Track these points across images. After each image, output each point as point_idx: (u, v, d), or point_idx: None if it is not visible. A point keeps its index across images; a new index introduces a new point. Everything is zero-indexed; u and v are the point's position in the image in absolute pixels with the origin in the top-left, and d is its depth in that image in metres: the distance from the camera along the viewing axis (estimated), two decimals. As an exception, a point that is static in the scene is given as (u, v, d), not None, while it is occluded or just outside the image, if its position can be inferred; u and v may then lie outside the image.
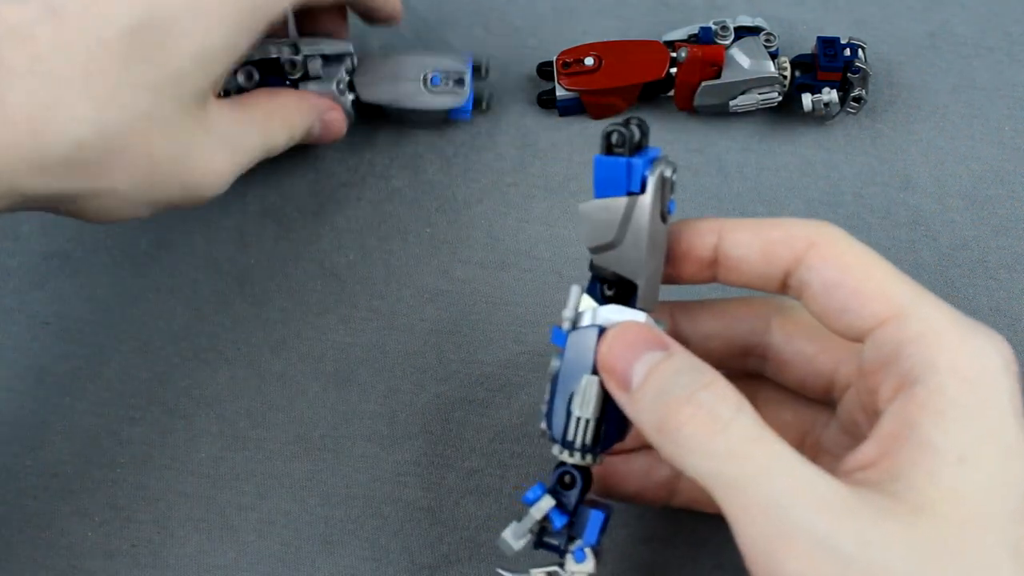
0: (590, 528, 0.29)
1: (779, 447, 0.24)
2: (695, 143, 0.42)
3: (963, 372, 0.24)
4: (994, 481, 0.24)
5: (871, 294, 0.26)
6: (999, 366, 0.25)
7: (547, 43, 0.44)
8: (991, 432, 0.24)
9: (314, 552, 0.36)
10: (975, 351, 0.25)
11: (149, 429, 0.38)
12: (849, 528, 0.23)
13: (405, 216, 0.41)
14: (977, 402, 0.24)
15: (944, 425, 0.24)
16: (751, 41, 0.41)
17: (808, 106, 0.41)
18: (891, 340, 0.26)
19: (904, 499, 0.24)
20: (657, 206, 0.27)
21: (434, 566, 0.35)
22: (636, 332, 0.27)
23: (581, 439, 0.28)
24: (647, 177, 0.27)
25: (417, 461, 0.37)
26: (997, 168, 0.42)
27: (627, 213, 0.27)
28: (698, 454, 0.25)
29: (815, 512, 0.23)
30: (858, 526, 0.23)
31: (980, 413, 0.24)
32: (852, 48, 0.41)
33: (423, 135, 0.43)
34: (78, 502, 0.36)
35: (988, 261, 0.40)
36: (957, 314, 0.26)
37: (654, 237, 0.28)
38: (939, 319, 0.25)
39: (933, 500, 0.23)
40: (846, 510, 0.23)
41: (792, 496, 0.23)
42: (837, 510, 0.23)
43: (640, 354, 0.26)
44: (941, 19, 0.45)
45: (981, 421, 0.24)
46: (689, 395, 0.25)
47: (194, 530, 0.36)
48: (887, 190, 0.41)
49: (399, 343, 0.39)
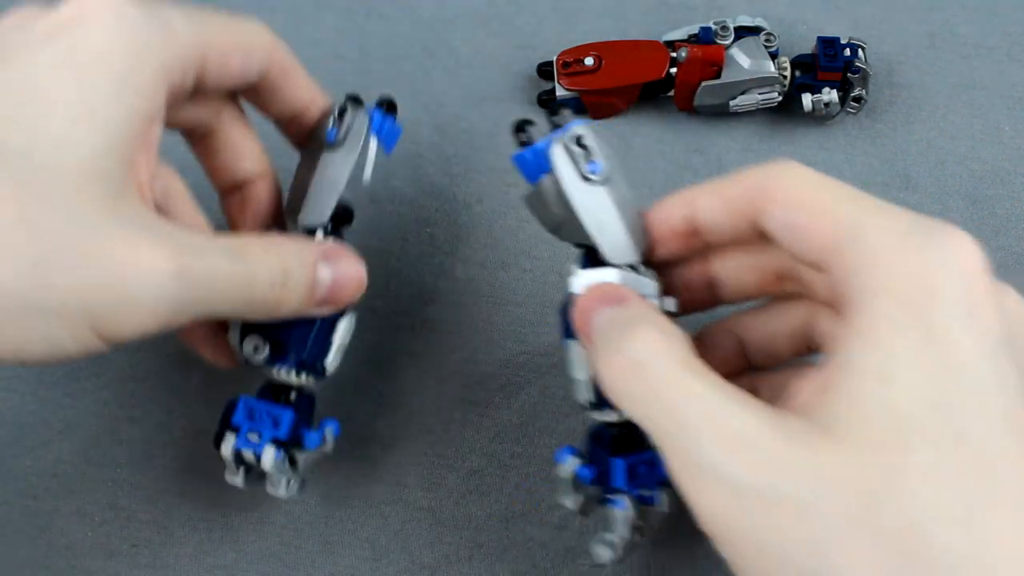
0: (614, 475, 0.30)
1: (697, 386, 0.24)
2: (695, 143, 0.42)
3: (896, 289, 0.23)
4: (922, 400, 0.22)
5: (819, 228, 0.26)
6: (943, 277, 0.23)
7: (547, 43, 0.44)
8: (923, 348, 0.23)
9: (314, 552, 0.36)
10: (915, 266, 0.24)
11: (149, 429, 0.38)
12: (747, 458, 0.23)
13: (405, 216, 0.41)
14: (908, 318, 0.23)
15: (867, 345, 0.23)
16: (751, 41, 0.41)
17: (808, 106, 0.41)
18: (839, 269, 0.25)
19: (821, 424, 0.23)
20: (572, 171, 0.30)
21: (434, 566, 0.35)
22: (595, 291, 0.29)
23: (585, 398, 0.30)
24: (549, 154, 0.30)
25: (417, 461, 0.37)
26: (997, 168, 0.42)
27: (552, 191, 0.30)
28: (626, 400, 0.26)
29: (716, 446, 0.23)
30: (758, 456, 0.23)
31: (911, 329, 0.23)
32: (852, 48, 0.41)
33: (423, 135, 0.43)
34: (78, 502, 0.36)
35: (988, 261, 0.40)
36: (910, 225, 0.24)
37: (584, 200, 0.30)
38: (881, 239, 0.24)
39: (848, 423, 0.23)
40: (749, 441, 0.23)
41: (699, 432, 0.24)
42: (740, 442, 0.23)
43: (596, 311, 0.28)
44: (941, 19, 0.45)
45: (911, 337, 0.23)
46: (618, 345, 0.26)
47: (194, 530, 0.36)
48: (887, 190, 0.41)
49: (399, 343, 0.39)
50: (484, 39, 0.45)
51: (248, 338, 0.32)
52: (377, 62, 0.45)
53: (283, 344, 0.32)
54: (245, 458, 0.32)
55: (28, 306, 0.25)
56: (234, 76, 0.31)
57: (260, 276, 0.28)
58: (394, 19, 0.46)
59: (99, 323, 0.26)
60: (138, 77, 0.27)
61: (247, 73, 0.31)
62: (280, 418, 0.31)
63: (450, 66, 0.45)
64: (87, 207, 0.25)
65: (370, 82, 0.44)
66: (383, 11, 0.47)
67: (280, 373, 0.32)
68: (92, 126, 0.26)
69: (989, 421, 0.22)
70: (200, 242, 0.27)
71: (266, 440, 0.31)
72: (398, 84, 0.44)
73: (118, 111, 0.26)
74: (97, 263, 0.25)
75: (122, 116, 0.26)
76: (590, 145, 0.30)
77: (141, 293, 0.26)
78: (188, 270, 0.26)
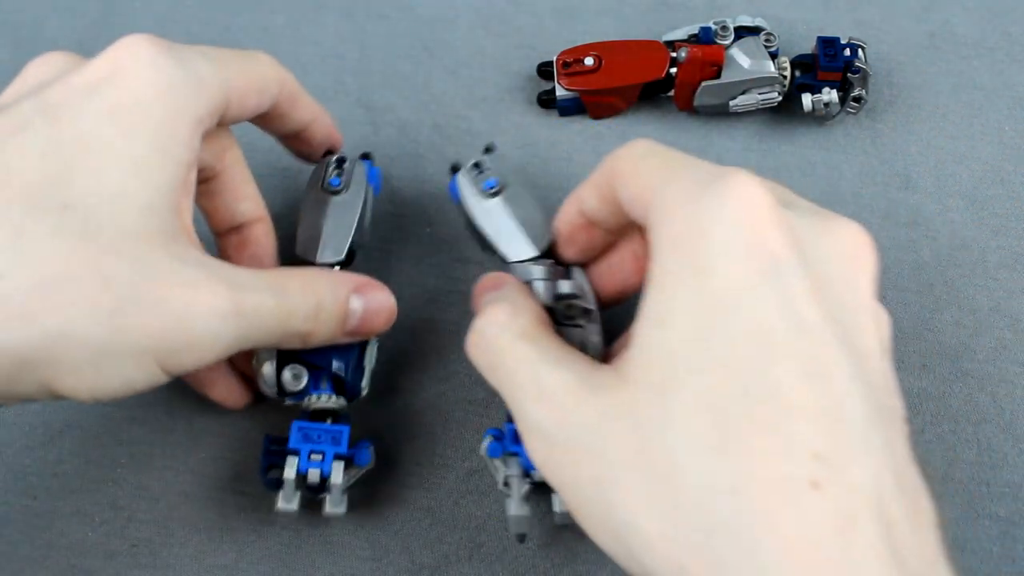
0: (507, 438, 0.33)
1: (525, 352, 0.27)
2: (695, 143, 0.42)
3: (675, 237, 0.25)
4: (691, 338, 0.23)
5: (639, 194, 0.27)
6: (715, 219, 0.24)
7: (547, 43, 0.44)
8: (694, 288, 0.24)
9: (314, 552, 0.36)
10: (691, 213, 0.25)
11: (149, 429, 0.38)
12: (554, 412, 0.26)
13: (405, 216, 0.41)
14: (683, 262, 0.24)
15: (653, 293, 0.25)
16: (751, 41, 0.41)
17: (808, 106, 0.41)
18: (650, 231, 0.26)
19: (617, 371, 0.25)
20: (470, 190, 0.35)
21: (434, 566, 0.35)
22: (484, 280, 0.32)
23: None
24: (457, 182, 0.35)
25: (417, 461, 0.37)
26: (997, 168, 0.42)
27: (468, 215, 0.35)
28: (480, 369, 0.29)
29: (534, 404, 0.26)
30: (562, 409, 0.25)
31: (685, 272, 0.24)
32: (852, 48, 0.41)
33: (423, 135, 0.43)
34: (78, 502, 0.36)
35: (988, 261, 0.40)
36: (699, 177, 0.25)
37: (480, 211, 0.35)
38: (674, 195, 0.26)
39: (634, 367, 0.24)
40: (558, 397, 0.26)
41: (524, 392, 0.27)
42: (550, 398, 0.26)
43: (480, 296, 0.31)
44: (941, 19, 0.45)
45: (685, 280, 0.24)
46: (474, 326, 0.29)
47: (194, 530, 0.36)
48: (887, 190, 0.41)
49: (399, 343, 0.39)
50: (484, 39, 0.45)
51: (288, 367, 0.33)
52: (377, 62, 0.45)
53: (323, 370, 0.33)
54: (310, 479, 0.32)
55: (106, 351, 0.26)
56: (249, 112, 0.32)
57: (299, 310, 0.30)
58: (394, 19, 0.46)
59: (166, 360, 0.27)
60: (178, 128, 0.28)
61: (261, 107, 0.33)
62: (339, 435, 0.33)
63: (450, 66, 0.45)
64: (149, 255, 0.27)
65: (370, 82, 0.44)
66: (383, 11, 0.47)
67: (320, 399, 0.33)
68: (143, 179, 0.27)
69: (753, 349, 0.23)
70: (247, 279, 0.29)
71: (330, 457, 0.33)
72: (398, 84, 0.44)
73: (164, 162, 0.28)
74: (165, 307, 0.27)
75: (168, 166, 0.28)
76: (486, 166, 0.35)
77: (204, 331, 0.28)
78: (242, 307, 0.28)
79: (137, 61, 0.28)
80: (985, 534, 0.35)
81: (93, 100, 0.27)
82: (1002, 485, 0.36)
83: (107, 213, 0.26)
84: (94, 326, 0.26)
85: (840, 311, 0.24)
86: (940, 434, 0.37)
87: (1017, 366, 0.38)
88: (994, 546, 0.35)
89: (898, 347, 0.38)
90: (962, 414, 0.37)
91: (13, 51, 0.46)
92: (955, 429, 0.37)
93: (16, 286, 0.25)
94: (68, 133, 0.27)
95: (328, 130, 0.36)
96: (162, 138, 0.28)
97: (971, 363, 0.38)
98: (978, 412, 0.37)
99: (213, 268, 0.28)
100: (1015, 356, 0.38)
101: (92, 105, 0.27)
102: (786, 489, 0.22)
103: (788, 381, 0.23)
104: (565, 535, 0.35)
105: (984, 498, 0.36)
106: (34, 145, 0.26)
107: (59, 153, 0.27)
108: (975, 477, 0.36)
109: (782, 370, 0.23)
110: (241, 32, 0.46)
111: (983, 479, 0.36)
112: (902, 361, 0.38)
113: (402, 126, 0.43)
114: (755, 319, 0.23)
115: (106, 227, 0.26)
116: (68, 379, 0.26)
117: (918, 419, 0.37)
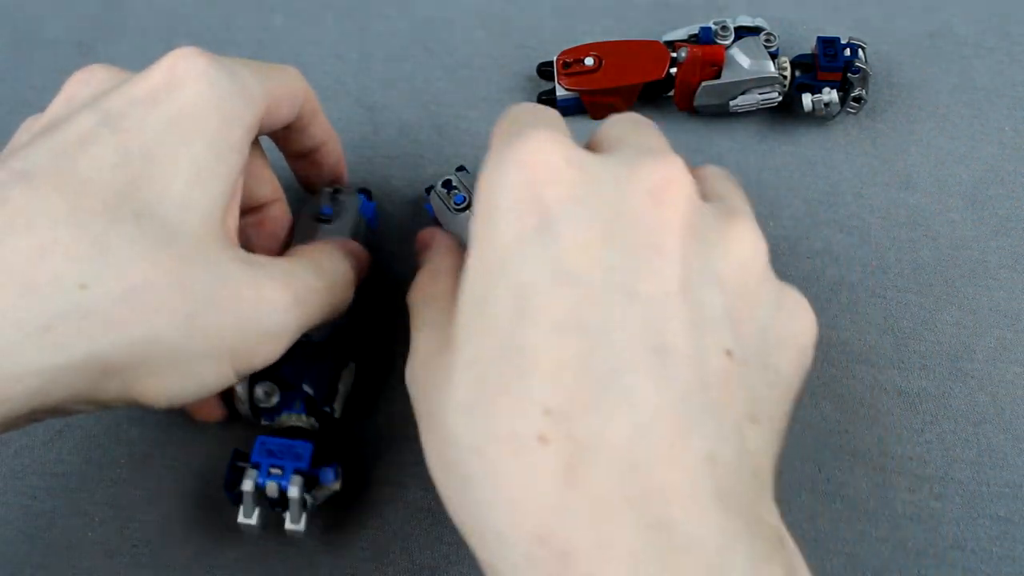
0: None
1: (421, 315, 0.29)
2: (695, 143, 0.42)
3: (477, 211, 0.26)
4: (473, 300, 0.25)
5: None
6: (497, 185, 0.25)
7: (547, 43, 0.44)
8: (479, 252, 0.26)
9: (314, 552, 0.36)
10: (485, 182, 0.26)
11: (149, 429, 0.38)
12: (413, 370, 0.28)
13: (405, 216, 0.41)
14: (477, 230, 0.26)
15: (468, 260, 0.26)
16: (751, 41, 0.41)
17: (808, 106, 0.41)
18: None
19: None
20: (442, 208, 0.38)
21: (434, 566, 0.35)
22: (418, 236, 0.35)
23: None
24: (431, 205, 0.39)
25: (417, 461, 0.37)
26: (997, 168, 0.42)
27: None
28: None
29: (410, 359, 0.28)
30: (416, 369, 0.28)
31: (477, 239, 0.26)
32: (852, 48, 0.41)
33: (423, 135, 0.43)
34: (78, 502, 0.36)
35: (988, 261, 0.40)
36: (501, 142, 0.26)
37: (453, 225, 0.38)
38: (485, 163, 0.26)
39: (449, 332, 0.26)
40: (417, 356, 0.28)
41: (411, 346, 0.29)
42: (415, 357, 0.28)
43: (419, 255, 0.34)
44: (941, 19, 0.45)
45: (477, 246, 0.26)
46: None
47: (194, 530, 0.36)
48: (887, 190, 0.41)
49: (399, 343, 0.39)
50: (484, 39, 0.45)
51: (259, 385, 0.34)
52: (377, 62, 0.45)
53: (294, 388, 0.34)
54: (268, 493, 0.32)
55: (186, 355, 0.27)
56: (282, 122, 0.33)
57: (337, 282, 0.32)
58: (394, 19, 0.46)
59: (238, 360, 0.29)
60: (232, 136, 0.29)
61: (290, 118, 0.33)
62: (302, 451, 0.33)
63: (450, 66, 0.45)
64: (216, 259, 0.28)
65: (370, 82, 0.44)
66: (383, 11, 0.47)
67: (291, 418, 0.34)
68: (205, 186, 0.28)
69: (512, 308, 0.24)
70: (294, 267, 0.31)
71: (290, 472, 0.32)
72: (398, 84, 0.44)
73: (220, 170, 0.29)
74: (238, 307, 0.28)
75: (223, 174, 0.29)
76: (455, 184, 0.38)
77: (272, 326, 0.29)
78: (299, 296, 0.30)
79: (192, 72, 0.29)
80: (985, 534, 0.35)
81: (154, 110, 0.28)
82: (1002, 485, 0.36)
83: (176, 220, 0.27)
84: (175, 331, 0.27)
85: (628, 255, 0.24)
86: (940, 434, 0.37)
87: (1017, 366, 0.38)
88: (994, 546, 0.35)
89: (898, 347, 0.38)
90: (962, 414, 0.37)
91: (13, 50, 0.46)
92: (955, 429, 0.37)
93: (102, 295, 0.26)
94: (135, 143, 0.27)
95: (337, 157, 0.37)
96: (218, 146, 0.29)
97: (971, 363, 0.38)
98: (978, 412, 0.37)
99: (266, 264, 0.30)
100: (1015, 356, 0.38)
101: (154, 115, 0.28)
102: (515, 445, 0.23)
103: (535, 338, 0.23)
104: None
105: (984, 498, 0.36)
106: (104, 156, 0.27)
107: (128, 163, 0.27)
108: (975, 477, 0.36)
109: (532, 327, 0.23)
110: (241, 32, 0.46)
111: (983, 479, 0.36)
112: (902, 361, 0.38)
113: (402, 126, 0.43)
114: (519, 277, 0.24)
115: (177, 234, 0.27)
116: (149, 384, 0.27)
117: (918, 419, 0.37)
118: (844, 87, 0.41)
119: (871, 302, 0.39)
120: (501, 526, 0.23)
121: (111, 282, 0.26)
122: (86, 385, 0.26)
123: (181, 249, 0.27)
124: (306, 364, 0.34)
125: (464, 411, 0.24)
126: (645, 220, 0.25)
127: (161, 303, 0.26)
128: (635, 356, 0.23)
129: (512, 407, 0.23)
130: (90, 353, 0.25)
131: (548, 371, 0.23)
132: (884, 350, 0.38)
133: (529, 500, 0.22)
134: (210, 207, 0.28)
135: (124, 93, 0.28)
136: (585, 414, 0.23)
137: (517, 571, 0.22)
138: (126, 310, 0.26)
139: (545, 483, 0.22)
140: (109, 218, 0.26)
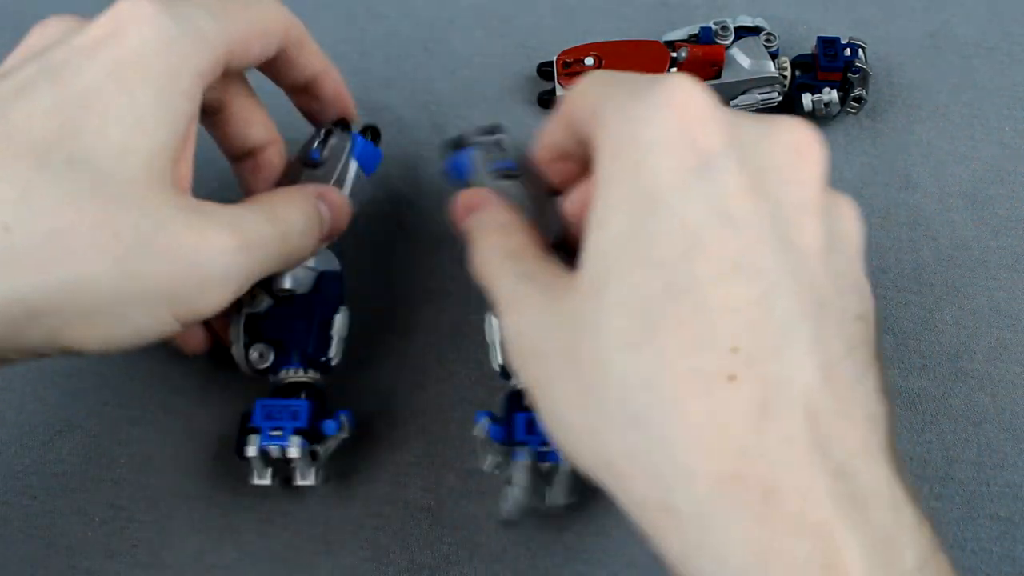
0: (516, 428, 0.33)
1: (509, 268, 0.28)
2: (695, 143, 0.42)
3: (613, 146, 0.25)
4: (623, 237, 0.24)
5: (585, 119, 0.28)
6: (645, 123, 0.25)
7: (547, 43, 0.44)
8: (628, 191, 0.24)
9: (314, 552, 0.36)
10: (625, 120, 0.25)
11: (149, 429, 0.38)
12: (519, 323, 0.27)
13: (404, 215, 0.41)
14: (618, 167, 0.25)
15: (595, 201, 0.25)
16: (751, 41, 0.41)
17: (808, 106, 0.41)
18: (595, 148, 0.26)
19: (571, 277, 0.26)
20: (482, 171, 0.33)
21: (434, 566, 0.35)
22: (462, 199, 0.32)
23: (497, 363, 0.34)
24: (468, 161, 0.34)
25: (417, 461, 0.37)
26: (997, 168, 0.42)
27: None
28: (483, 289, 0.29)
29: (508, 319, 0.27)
30: (526, 320, 0.27)
31: (620, 176, 0.25)
32: (852, 48, 0.41)
33: (423, 135, 0.43)
34: (78, 502, 0.36)
35: (988, 261, 0.40)
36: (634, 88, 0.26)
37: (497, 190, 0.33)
38: (611, 109, 0.26)
39: (580, 270, 0.25)
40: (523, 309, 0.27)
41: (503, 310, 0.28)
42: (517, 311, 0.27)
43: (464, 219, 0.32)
44: (941, 19, 0.45)
45: (621, 184, 0.25)
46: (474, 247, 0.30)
47: (194, 530, 0.36)
48: (887, 190, 0.41)
49: (399, 343, 0.39)
50: (484, 39, 0.45)
51: (253, 347, 0.34)
52: (377, 62, 0.45)
53: (287, 346, 0.35)
54: (271, 455, 0.33)
55: (116, 299, 0.27)
56: (255, 59, 0.32)
57: (292, 229, 0.31)
58: (394, 19, 0.46)
59: (178, 306, 0.28)
60: (178, 83, 0.29)
61: (266, 55, 0.33)
62: (298, 410, 0.33)
63: (450, 66, 0.45)
64: (154, 205, 0.28)
65: (370, 82, 0.44)
66: (383, 11, 0.47)
67: (288, 374, 0.35)
68: (145, 133, 0.28)
69: (678, 246, 0.23)
70: (244, 213, 0.30)
71: (289, 432, 0.33)
72: (398, 84, 0.44)
73: (165, 116, 0.28)
74: (175, 253, 0.28)
75: (168, 120, 0.28)
76: (505, 145, 0.34)
77: (214, 272, 0.28)
78: (248, 242, 0.29)
79: (137, 19, 0.28)
80: (985, 534, 0.35)
81: (94, 58, 0.28)
82: (1002, 485, 0.36)
83: (112, 167, 0.27)
84: (103, 274, 0.26)
85: (778, 207, 0.24)
86: (940, 434, 0.37)
87: (1017, 366, 0.38)
88: (994, 546, 0.35)
89: (898, 347, 0.38)
90: (962, 414, 0.37)
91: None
92: (955, 429, 0.37)
93: (24, 238, 0.26)
94: (71, 91, 0.27)
95: (336, 88, 0.36)
96: (163, 93, 0.28)
97: (971, 363, 0.38)
98: (978, 412, 0.37)
99: (213, 211, 0.29)
100: (1015, 356, 0.38)
101: (93, 63, 0.28)
102: (699, 381, 0.22)
103: (710, 277, 0.23)
104: (565, 535, 0.35)
105: (984, 498, 0.36)
106: (38, 104, 0.27)
107: (62, 111, 0.27)
108: (975, 477, 0.36)
109: (704, 266, 0.23)
110: (241, 32, 0.46)
111: (983, 479, 0.36)
112: (902, 361, 0.38)
113: (402, 126, 0.43)
114: (682, 216, 0.24)
115: (112, 180, 0.27)
116: (77, 329, 0.27)
117: (918, 419, 0.37)
118: (844, 87, 0.41)
119: (871, 302, 0.39)
120: (688, 461, 0.22)
121: (33, 224, 0.26)
122: (10, 330, 0.26)
123: (114, 194, 0.27)
124: (291, 319, 0.35)
125: (629, 349, 0.23)
126: (789, 174, 0.25)
127: (87, 246, 0.26)
128: (804, 306, 0.23)
129: (691, 344, 0.23)
130: (11, 295, 0.26)
131: (730, 310, 0.23)
132: (884, 350, 0.38)
133: (722, 437, 0.22)
134: (152, 153, 0.28)
135: (68, 43, 0.28)
136: (774, 355, 0.23)
137: (703, 506, 0.22)
138: (49, 252, 0.26)
139: (738, 421, 0.22)
140: (36, 163, 0.26)
